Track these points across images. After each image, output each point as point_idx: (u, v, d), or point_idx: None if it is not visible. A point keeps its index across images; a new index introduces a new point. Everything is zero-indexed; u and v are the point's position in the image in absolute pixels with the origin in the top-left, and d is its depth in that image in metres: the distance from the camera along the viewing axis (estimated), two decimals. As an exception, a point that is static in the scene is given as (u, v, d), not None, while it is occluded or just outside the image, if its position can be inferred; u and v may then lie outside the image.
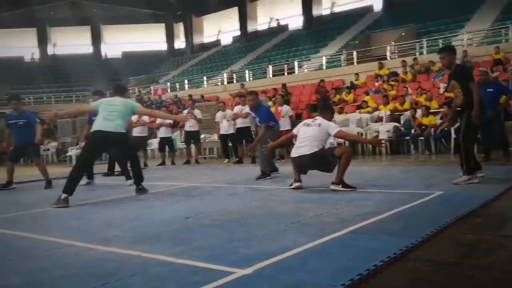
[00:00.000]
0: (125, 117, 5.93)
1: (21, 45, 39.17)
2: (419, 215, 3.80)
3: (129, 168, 6.61)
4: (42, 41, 39.87)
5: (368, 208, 4.12)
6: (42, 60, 39.47)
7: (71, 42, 40.91)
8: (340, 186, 5.26)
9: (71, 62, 37.46)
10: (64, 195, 5.31)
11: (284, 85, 17.59)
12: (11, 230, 4.02)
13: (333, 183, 5.33)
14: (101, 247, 3.21)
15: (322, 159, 5.52)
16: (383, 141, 8.04)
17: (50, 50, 40.70)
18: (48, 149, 18.86)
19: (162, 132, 12.46)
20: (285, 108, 11.58)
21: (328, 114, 5.90)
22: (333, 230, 3.28)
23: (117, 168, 8.45)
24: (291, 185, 5.73)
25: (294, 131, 5.99)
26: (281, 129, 10.41)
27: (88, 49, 40.88)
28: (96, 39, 41.03)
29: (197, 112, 12.34)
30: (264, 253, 2.80)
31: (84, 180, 7.20)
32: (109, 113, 5.69)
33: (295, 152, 5.70)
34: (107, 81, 34.28)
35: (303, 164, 5.65)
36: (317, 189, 5.61)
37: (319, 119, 5.70)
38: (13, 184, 7.98)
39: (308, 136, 5.57)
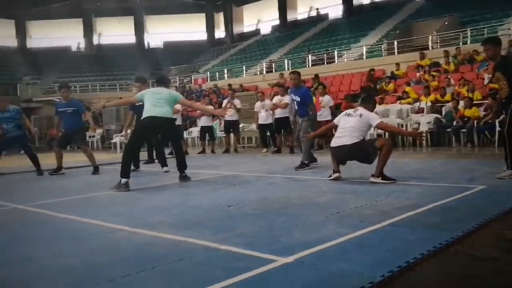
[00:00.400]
0: (171, 104, 6.12)
1: (68, 35, 40.44)
2: (460, 209, 3.79)
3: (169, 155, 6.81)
4: (88, 31, 40.99)
5: (407, 201, 4.14)
6: (87, 50, 40.64)
7: (115, 32, 41.91)
8: (380, 178, 5.27)
9: (115, 52, 38.42)
10: (124, 180, 5.61)
11: (316, 76, 17.46)
12: (65, 214, 4.27)
13: (373, 175, 5.34)
14: (149, 232, 3.39)
15: (362, 150, 5.51)
16: (423, 134, 7.91)
17: (95, 40, 41.82)
18: (94, 136, 19.14)
19: (203, 121, 12.76)
20: (326, 98, 11.57)
21: (370, 105, 5.88)
22: (372, 222, 3.34)
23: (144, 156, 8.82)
24: (330, 176, 5.77)
25: (335, 121, 6.00)
26: (321, 120, 10.53)
27: (132, 39, 41.69)
28: (139, 29, 41.80)
29: (237, 101, 12.53)
30: (304, 242, 2.90)
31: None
32: (157, 100, 5.89)
33: (335, 142, 5.70)
34: (150, 70, 35.02)
35: (343, 155, 5.66)
36: (356, 180, 5.64)
37: (360, 110, 5.69)
38: (63, 170, 8.34)
39: (349, 126, 5.57)
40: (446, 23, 20.74)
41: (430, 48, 18.62)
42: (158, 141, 7.87)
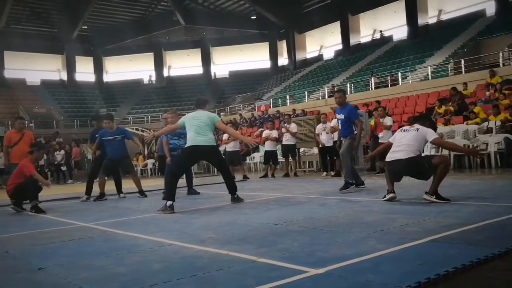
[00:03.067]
0: (212, 129, 6.37)
1: (141, 68, 43.10)
2: (510, 227, 3.65)
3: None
4: (158, 64, 43.38)
5: (457, 219, 4.04)
6: (158, 82, 42.95)
7: (184, 64, 44.11)
8: (434, 197, 5.14)
9: (184, 83, 40.32)
10: (169, 202, 5.91)
11: (378, 102, 17.24)
12: (123, 231, 4.63)
13: (426, 192, 5.23)
14: (197, 246, 3.61)
15: (418, 166, 5.39)
16: (483, 152, 7.53)
17: (165, 73, 44.12)
18: (146, 165, 22.35)
19: (268, 146, 12.98)
20: (387, 119, 11.39)
21: (426, 123, 5.77)
22: (414, 239, 3.32)
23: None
24: (384, 196, 5.70)
25: (391, 139, 5.91)
26: (383, 141, 10.42)
27: (199, 70, 43.57)
28: (206, 60, 43.56)
29: (292, 126, 12.70)
30: (340, 256, 2.96)
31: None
32: (199, 128, 6.17)
33: (390, 157, 5.61)
34: (216, 98, 36.29)
35: (398, 170, 5.54)
36: (411, 201, 5.54)
37: (417, 125, 5.61)
38: (105, 196, 8.64)
39: (405, 142, 5.48)
40: (520, 38, 19.82)
41: (501, 65, 17.82)
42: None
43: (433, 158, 5.55)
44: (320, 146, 12.18)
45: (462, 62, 19.02)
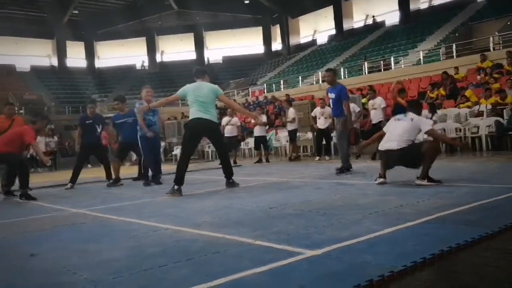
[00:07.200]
0: (214, 103, 6.30)
1: (133, 54, 42.63)
2: (502, 208, 3.69)
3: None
4: (151, 49, 42.98)
5: (450, 200, 4.07)
6: (151, 67, 42.57)
7: (176, 49, 43.72)
8: (426, 181, 5.19)
9: (177, 68, 39.95)
10: (176, 186, 5.94)
11: (370, 86, 17.20)
12: (117, 216, 4.62)
13: (418, 177, 5.28)
14: (192, 230, 3.60)
15: (410, 155, 5.43)
16: (464, 142, 7.53)
17: (158, 58, 43.73)
18: None
19: (257, 131, 13.02)
20: (378, 100, 11.25)
21: (414, 110, 5.79)
22: (408, 220, 3.34)
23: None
24: (375, 180, 5.76)
25: (384, 128, 5.96)
26: (374, 122, 10.47)
27: (192, 55, 43.19)
28: (199, 45, 43.22)
29: (290, 111, 12.70)
30: (336, 238, 2.98)
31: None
32: (203, 104, 6.07)
33: (382, 146, 5.69)
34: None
35: (391, 159, 5.62)
36: (404, 183, 5.57)
37: (411, 114, 5.64)
38: (121, 181, 8.45)
39: (399, 131, 5.53)
40: (509, 23, 19.82)
41: (491, 49, 17.86)
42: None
43: (421, 146, 5.57)
44: (316, 129, 12.15)
45: (454, 46, 19.03)
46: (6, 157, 6.75)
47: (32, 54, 40.02)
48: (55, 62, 40.67)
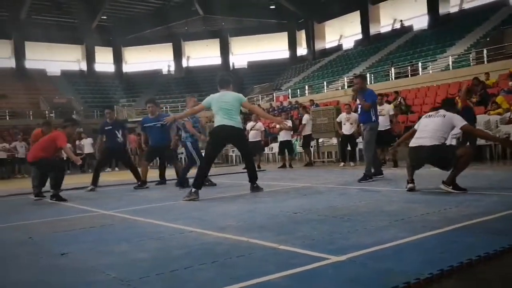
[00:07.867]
0: (238, 110, 6.34)
1: (159, 59, 43.27)
2: (534, 217, 3.60)
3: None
4: (177, 54, 43.54)
5: (478, 208, 4.00)
6: (177, 72, 43.12)
7: (202, 54, 44.16)
8: (451, 187, 5.07)
9: (202, 73, 40.33)
10: (194, 189, 5.98)
11: (396, 93, 17.05)
12: (143, 218, 4.70)
13: (443, 182, 5.16)
14: (217, 233, 3.64)
15: (441, 155, 5.25)
16: (502, 138, 7.32)
17: (184, 63, 44.26)
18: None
19: (282, 136, 13.05)
20: (387, 107, 11.10)
21: (447, 107, 5.63)
22: (435, 228, 3.30)
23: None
24: (406, 187, 5.56)
25: (415, 126, 5.76)
26: (380, 129, 10.32)
27: (217, 60, 43.56)
28: (225, 50, 43.56)
29: (305, 117, 12.90)
30: (361, 244, 2.96)
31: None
32: (228, 111, 6.13)
33: (413, 142, 5.47)
34: (235, 89, 36.07)
35: (421, 156, 5.40)
36: (431, 191, 5.48)
37: (442, 111, 5.46)
38: (147, 184, 8.48)
39: (430, 127, 5.34)
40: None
41: (525, 54, 17.43)
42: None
43: (457, 149, 5.43)
44: (341, 135, 12.12)
45: (485, 51, 18.62)
46: (43, 162, 7.06)
47: (62, 59, 41.04)
48: (84, 66, 41.60)
